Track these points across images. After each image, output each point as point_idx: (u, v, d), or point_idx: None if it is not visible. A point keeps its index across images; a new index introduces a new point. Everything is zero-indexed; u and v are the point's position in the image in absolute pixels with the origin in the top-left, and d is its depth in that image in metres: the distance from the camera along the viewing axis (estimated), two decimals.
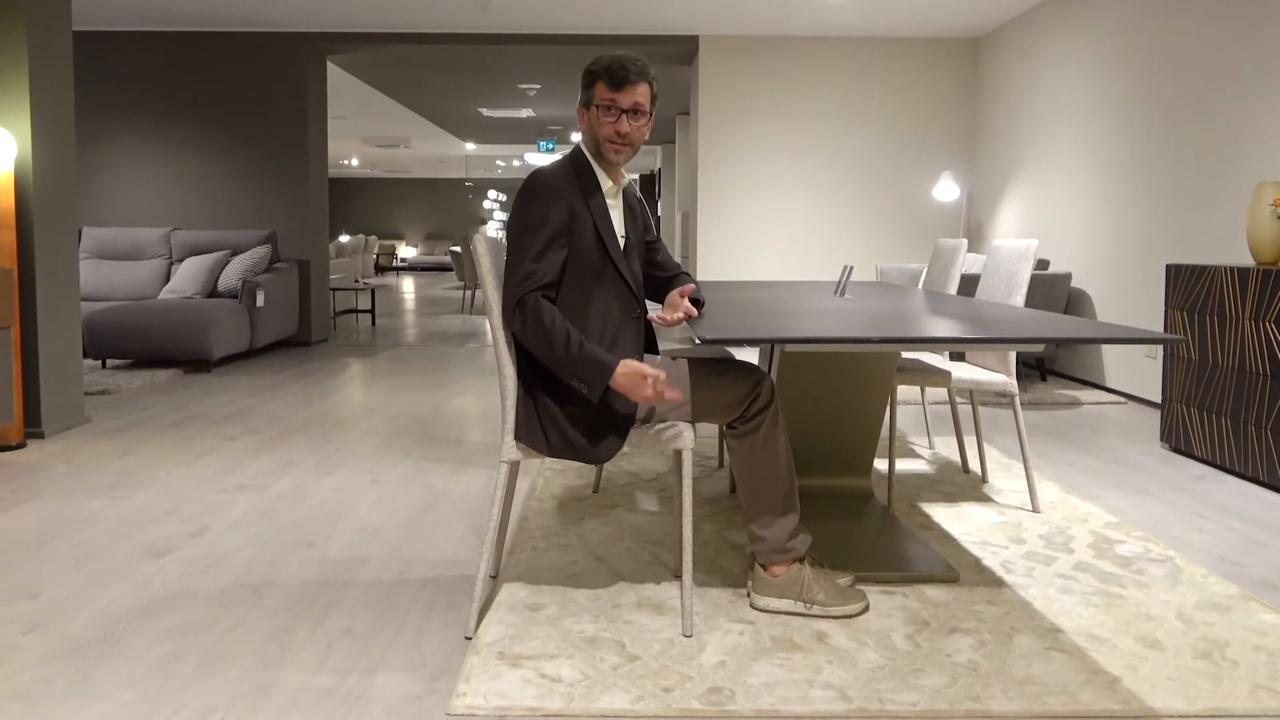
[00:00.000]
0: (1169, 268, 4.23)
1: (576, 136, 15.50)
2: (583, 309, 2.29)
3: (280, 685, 1.98)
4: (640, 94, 2.30)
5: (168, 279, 7.46)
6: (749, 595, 2.39)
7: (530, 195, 2.26)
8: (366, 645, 2.18)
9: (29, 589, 2.51)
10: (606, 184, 2.37)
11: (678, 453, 2.31)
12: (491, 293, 2.24)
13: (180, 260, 7.52)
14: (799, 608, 2.30)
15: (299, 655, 2.12)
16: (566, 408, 2.23)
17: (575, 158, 2.37)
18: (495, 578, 2.59)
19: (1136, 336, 2.03)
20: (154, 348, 6.31)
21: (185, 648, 2.15)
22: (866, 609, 2.33)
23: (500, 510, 2.29)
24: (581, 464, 3.79)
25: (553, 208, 2.23)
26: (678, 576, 2.59)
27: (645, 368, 2.14)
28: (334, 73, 9.66)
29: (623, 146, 2.31)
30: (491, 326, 2.26)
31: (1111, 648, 2.16)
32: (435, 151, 18.40)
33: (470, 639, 2.20)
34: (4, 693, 1.93)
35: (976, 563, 2.72)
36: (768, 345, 3.23)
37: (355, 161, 20.51)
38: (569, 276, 2.28)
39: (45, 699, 1.91)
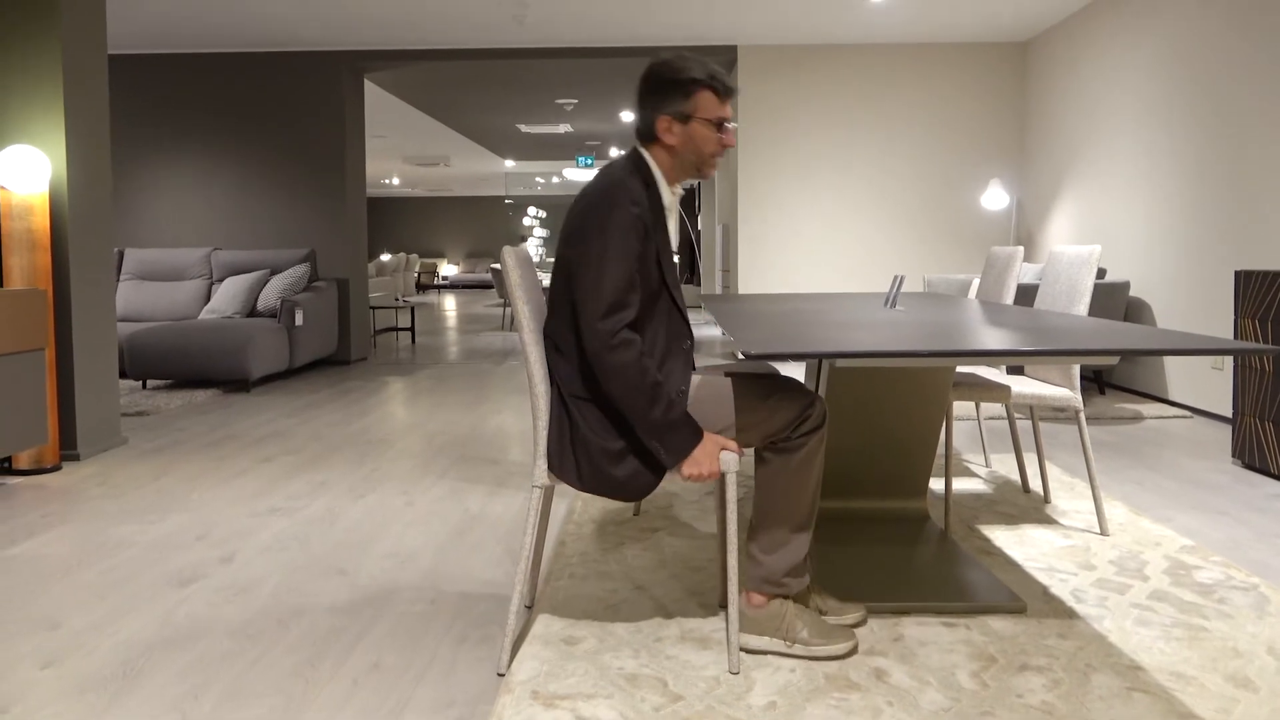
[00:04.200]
0: (1238, 274, 4.01)
1: (615, 151, 15.42)
2: (642, 334, 2.11)
3: None
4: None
5: (208, 299, 7.47)
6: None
7: (612, 204, 2.02)
8: (394, 682, 2.06)
9: (50, 619, 2.43)
10: (668, 198, 2.18)
11: (721, 475, 2.17)
12: (521, 308, 2.12)
13: (220, 280, 7.53)
14: (779, 646, 2.13)
15: (323, 692, 2.01)
16: (603, 441, 2.06)
17: (640, 168, 2.14)
18: (530, 608, 2.46)
19: (1227, 347, 1.85)
20: (193, 368, 6.29)
21: (205, 684, 2.05)
22: (854, 650, 2.14)
23: (534, 538, 2.16)
24: None
25: (635, 226, 2.02)
26: (723, 607, 2.44)
27: (725, 444, 2.06)
28: (373, 92, 9.69)
29: (720, 159, 2.17)
30: (523, 343, 2.13)
31: (1199, 687, 1.98)
32: (475, 169, 18.47)
33: (503, 675, 2.07)
34: None
35: (1044, 591, 2.54)
36: (815, 360, 3.08)
37: (396, 181, 20.66)
38: None
39: None
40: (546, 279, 15.32)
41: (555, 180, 21.32)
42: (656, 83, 2.12)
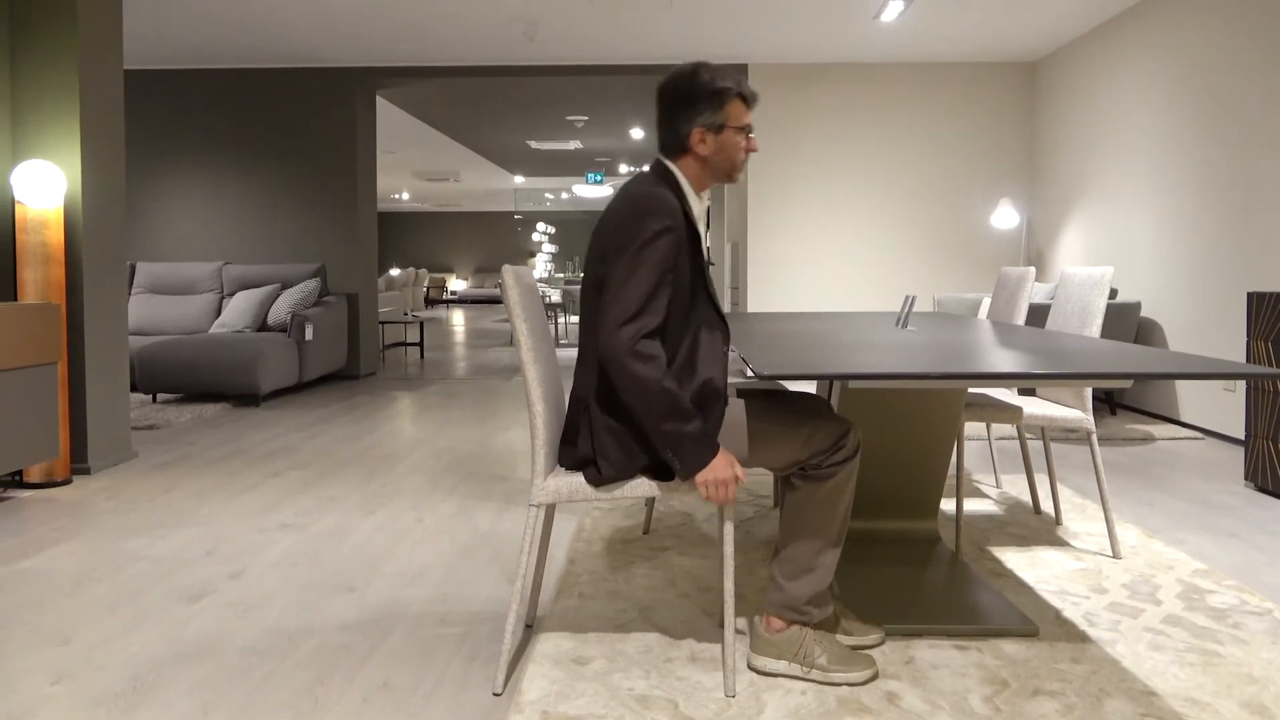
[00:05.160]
0: (1250, 295, 4.00)
1: (625, 168, 15.47)
2: (676, 342, 2.08)
3: None
4: None
5: (219, 313, 7.50)
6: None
7: (644, 214, 2.01)
8: (404, 700, 2.05)
9: (61, 634, 2.43)
10: (698, 208, 2.17)
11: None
12: (521, 326, 2.12)
13: (231, 294, 7.56)
14: (796, 670, 2.11)
15: (332, 711, 2.00)
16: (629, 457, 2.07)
17: (668, 179, 2.14)
18: (531, 627, 2.46)
19: (1238, 372, 1.85)
20: (203, 382, 6.31)
21: (214, 700, 2.05)
22: (875, 677, 2.12)
23: (533, 557, 2.15)
24: (631, 503, 3.66)
25: (665, 237, 2.00)
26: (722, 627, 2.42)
27: (734, 471, 2.01)
28: (384, 108, 9.74)
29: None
30: (522, 361, 2.13)
31: (1214, 714, 1.96)
32: (485, 185, 18.53)
33: (499, 695, 2.06)
34: None
35: (1056, 615, 2.52)
36: (827, 381, 3.07)
37: (406, 195, 20.75)
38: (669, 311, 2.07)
39: None
40: (554, 294, 15.35)
41: (565, 196, 21.39)
42: (687, 95, 2.11)
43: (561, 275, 21.87)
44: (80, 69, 4.23)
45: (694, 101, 2.11)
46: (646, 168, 2.24)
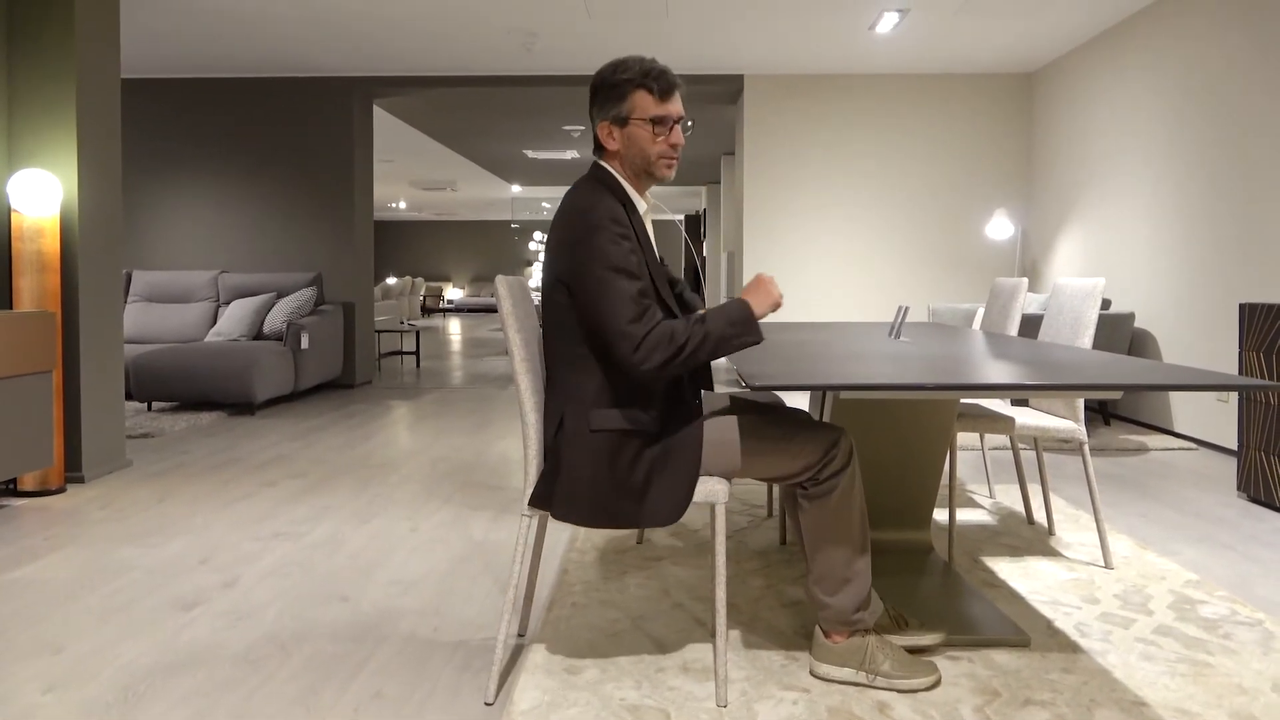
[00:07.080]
0: (1242, 307, 4.01)
1: None
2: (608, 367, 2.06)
3: None
4: (680, 101, 2.11)
5: (215, 321, 7.50)
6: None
7: (595, 228, 1.98)
8: (396, 710, 2.05)
9: (53, 643, 2.42)
10: (642, 206, 2.14)
11: (711, 507, 2.16)
12: (514, 336, 2.12)
13: (227, 303, 7.56)
14: (861, 678, 2.12)
15: None
16: (625, 473, 2.02)
17: (605, 181, 2.10)
18: (523, 637, 2.46)
19: (1229, 383, 1.86)
20: (198, 390, 6.31)
21: (207, 710, 2.04)
22: (938, 682, 2.13)
23: (525, 567, 2.16)
24: None
25: (621, 239, 1.98)
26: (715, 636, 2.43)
27: (765, 286, 2.02)
28: (382, 117, 9.77)
29: (675, 160, 2.10)
30: (515, 371, 2.13)
31: None
32: (481, 194, 18.56)
33: (490, 705, 2.06)
34: None
35: (1048, 625, 2.53)
36: (819, 392, 3.08)
37: (403, 204, 20.77)
38: None
39: None
40: None
41: None
42: (595, 90, 2.11)
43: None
44: (77, 77, 4.24)
45: (600, 95, 2.11)
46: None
